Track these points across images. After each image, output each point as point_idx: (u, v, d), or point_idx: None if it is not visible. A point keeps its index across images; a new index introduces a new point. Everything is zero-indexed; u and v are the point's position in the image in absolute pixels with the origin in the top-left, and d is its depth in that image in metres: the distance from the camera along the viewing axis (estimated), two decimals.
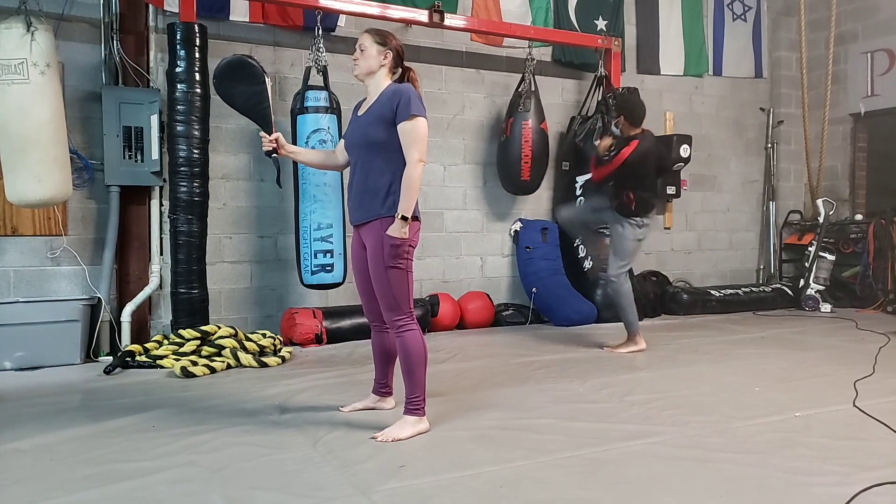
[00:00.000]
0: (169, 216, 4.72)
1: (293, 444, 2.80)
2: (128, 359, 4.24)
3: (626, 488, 2.35)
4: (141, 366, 4.20)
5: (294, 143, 4.76)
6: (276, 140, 3.08)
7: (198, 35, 4.62)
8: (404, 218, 2.80)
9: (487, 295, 5.92)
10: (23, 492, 2.33)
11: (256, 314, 5.28)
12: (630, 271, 4.80)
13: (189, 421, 3.11)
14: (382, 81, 2.99)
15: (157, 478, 2.44)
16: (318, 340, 4.89)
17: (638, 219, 4.61)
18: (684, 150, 6.38)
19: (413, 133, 2.83)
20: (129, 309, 4.73)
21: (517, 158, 5.80)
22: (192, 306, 4.64)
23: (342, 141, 3.20)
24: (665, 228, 7.14)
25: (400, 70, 3.05)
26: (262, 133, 3.09)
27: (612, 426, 3.02)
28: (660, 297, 6.57)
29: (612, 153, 4.62)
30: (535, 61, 5.92)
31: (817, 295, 6.85)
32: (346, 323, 5.05)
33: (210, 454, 2.67)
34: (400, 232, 2.81)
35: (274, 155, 3.11)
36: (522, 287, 6.11)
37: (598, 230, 5.51)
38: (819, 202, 7.15)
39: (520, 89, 5.88)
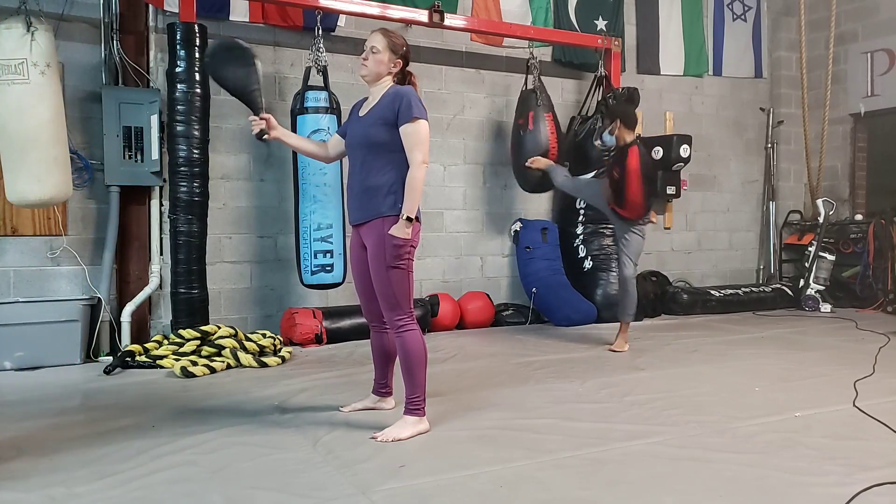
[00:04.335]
0: (169, 216, 4.72)
1: (293, 444, 2.80)
2: (128, 359, 4.24)
3: (626, 488, 2.35)
4: (141, 366, 4.20)
5: None
6: (267, 121, 3.05)
7: (198, 35, 4.61)
8: (409, 219, 2.81)
9: (487, 295, 5.91)
10: (23, 492, 2.33)
11: (256, 314, 5.28)
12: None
13: (189, 421, 3.11)
14: (386, 83, 3.00)
15: (157, 478, 2.44)
16: (318, 340, 4.89)
17: (640, 223, 4.73)
18: (684, 150, 6.37)
19: (415, 135, 2.84)
20: (129, 309, 4.73)
21: (544, 151, 5.61)
22: (191, 306, 4.64)
23: (336, 135, 3.23)
24: (665, 228, 7.14)
25: (401, 73, 3.06)
26: (252, 116, 3.07)
27: (612, 426, 3.02)
28: (660, 297, 6.57)
29: (618, 169, 4.60)
30: (538, 60, 5.92)
31: (817, 295, 6.85)
32: (346, 323, 5.05)
33: (210, 454, 2.67)
34: (403, 232, 2.82)
35: (265, 137, 3.07)
36: (522, 287, 6.10)
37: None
38: (819, 202, 7.14)
39: (532, 86, 5.85)
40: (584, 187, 5.33)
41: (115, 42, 4.74)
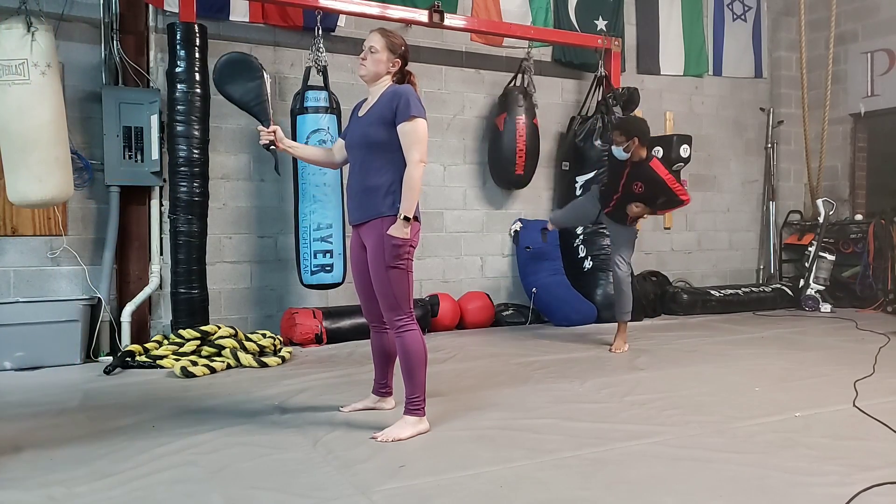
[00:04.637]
0: (169, 216, 4.73)
1: (293, 444, 2.81)
2: (128, 359, 4.24)
3: (626, 488, 2.35)
4: (141, 366, 4.20)
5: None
6: (274, 133, 3.09)
7: (198, 35, 4.62)
8: (406, 218, 2.81)
9: (487, 295, 5.91)
10: (23, 492, 2.33)
11: (256, 314, 5.28)
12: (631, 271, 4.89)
13: (189, 421, 3.11)
14: (384, 83, 3.00)
15: (157, 478, 2.44)
16: (318, 340, 4.89)
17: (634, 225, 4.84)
18: (684, 150, 6.37)
19: (413, 134, 2.84)
20: (129, 309, 4.73)
21: (511, 154, 5.84)
22: (192, 306, 4.64)
23: (340, 140, 3.22)
24: (665, 228, 7.14)
25: (400, 73, 3.06)
26: (260, 126, 3.11)
27: (612, 426, 3.02)
28: (660, 297, 6.56)
29: (640, 184, 4.61)
30: (532, 61, 5.94)
31: (817, 295, 6.85)
32: (346, 323, 5.05)
33: (210, 454, 2.67)
34: (401, 232, 2.82)
35: (272, 147, 3.12)
36: (522, 287, 6.11)
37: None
38: (819, 202, 7.15)
39: (525, 85, 5.88)
40: (576, 210, 5.30)
41: (115, 42, 4.74)
